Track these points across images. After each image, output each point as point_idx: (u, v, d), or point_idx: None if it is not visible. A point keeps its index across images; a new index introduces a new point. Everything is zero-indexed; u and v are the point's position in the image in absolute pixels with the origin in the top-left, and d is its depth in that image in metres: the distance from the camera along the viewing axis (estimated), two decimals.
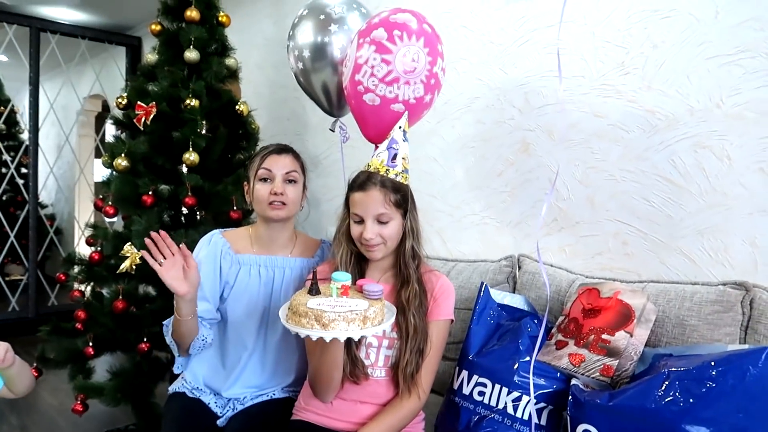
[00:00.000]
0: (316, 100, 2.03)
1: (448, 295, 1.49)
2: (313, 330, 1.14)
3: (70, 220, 5.68)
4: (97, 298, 2.59)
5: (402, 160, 1.49)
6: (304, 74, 1.94)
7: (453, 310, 1.49)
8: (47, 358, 2.58)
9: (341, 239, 1.49)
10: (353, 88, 1.64)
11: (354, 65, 1.62)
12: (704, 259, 1.64)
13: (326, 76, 1.90)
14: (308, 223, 3.06)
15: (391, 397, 1.45)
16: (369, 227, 1.40)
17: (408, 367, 1.39)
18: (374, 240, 1.40)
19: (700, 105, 1.65)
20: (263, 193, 1.60)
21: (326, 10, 1.88)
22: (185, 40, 2.58)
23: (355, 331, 1.15)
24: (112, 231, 2.61)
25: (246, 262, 1.66)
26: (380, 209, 1.40)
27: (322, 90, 1.96)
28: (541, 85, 2.03)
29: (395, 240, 1.44)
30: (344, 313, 1.14)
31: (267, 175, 1.61)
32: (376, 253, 1.43)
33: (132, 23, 4.64)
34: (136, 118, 2.51)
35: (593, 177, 1.89)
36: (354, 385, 1.43)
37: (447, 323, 1.49)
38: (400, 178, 1.46)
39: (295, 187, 1.64)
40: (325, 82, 1.92)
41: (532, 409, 1.37)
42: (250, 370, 1.67)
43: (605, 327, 1.38)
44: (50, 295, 4.59)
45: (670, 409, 1.12)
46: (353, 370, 1.41)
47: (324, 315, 1.14)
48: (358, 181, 1.45)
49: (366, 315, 1.16)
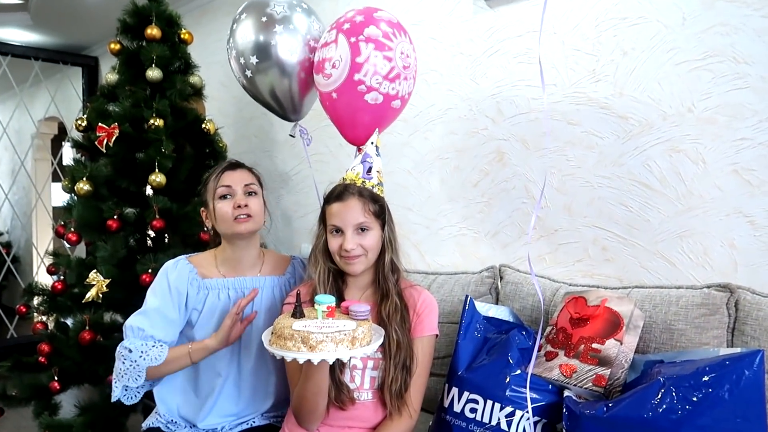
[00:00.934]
0: (267, 105, 1.95)
1: (431, 309, 1.46)
2: (299, 353, 1.10)
3: (27, 248, 5.46)
4: (62, 329, 2.47)
5: (377, 173, 1.48)
6: (249, 80, 1.87)
7: (437, 324, 1.46)
8: (9, 396, 2.44)
9: (318, 257, 1.44)
10: (351, 88, 1.60)
11: (351, 65, 1.58)
12: (685, 262, 1.65)
13: (274, 80, 1.83)
14: (279, 240, 3.00)
15: (380, 419, 1.40)
16: (349, 237, 1.36)
17: (394, 385, 1.35)
18: (355, 251, 1.36)
19: (672, 110, 1.67)
20: (226, 210, 1.54)
21: (267, 10, 1.80)
22: (147, 59, 2.51)
23: (344, 352, 1.11)
24: (76, 258, 2.49)
25: (214, 287, 1.60)
26: (360, 218, 1.37)
27: (270, 95, 1.89)
28: (513, 95, 2.03)
29: (375, 251, 1.41)
30: (332, 334, 1.10)
31: (226, 191, 1.56)
32: (356, 266, 1.38)
33: (88, 43, 4.50)
34: (97, 140, 2.41)
35: (570, 184, 1.89)
36: (340, 411, 1.38)
37: (432, 339, 1.45)
38: (376, 190, 1.45)
39: (257, 199, 1.59)
40: (273, 85, 1.84)
41: (526, 425, 1.34)
42: (226, 397, 1.59)
43: (595, 336, 1.36)
44: (9, 327, 4.38)
45: (667, 418, 1.11)
46: (338, 395, 1.36)
47: (311, 336, 1.10)
48: (335, 192, 1.42)
49: (354, 335, 1.13)
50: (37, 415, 2.44)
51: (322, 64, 1.66)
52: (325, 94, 1.69)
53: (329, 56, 1.63)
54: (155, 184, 2.36)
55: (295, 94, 1.86)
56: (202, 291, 1.59)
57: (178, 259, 1.63)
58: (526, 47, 1.99)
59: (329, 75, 1.62)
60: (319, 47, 1.71)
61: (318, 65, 1.69)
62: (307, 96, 1.91)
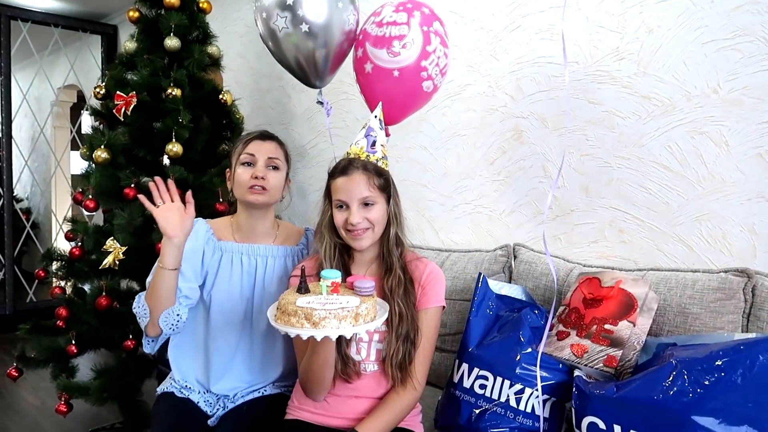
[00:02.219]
0: (290, 67, 1.87)
1: (437, 281, 1.44)
2: (303, 329, 1.10)
3: (46, 214, 5.54)
4: (79, 294, 2.51)
5: (381, 146, 1.46)
6: (274, 40, 1.78)
7: (443, 296, 1.45)
8: (28, 357, 2.50)
9: (323, 232, 1.44)
10: (415, 72, 1.68)
11: (422, 51, 1.67)
12: (702, 246, 1.63)
13: (300, 41, 1.74)
14: (294, 213, 3.01)
15: (385, 389, 1.41)
16: (355, 211, 1.35)
17: (395, 357, 1.35)
18: (361, 224, 1.36)
19: (697, 90, 1.63)
20: (244, 177, 1.56)
21: None
22: (165, 27, 2.50)
23: (347, 329, 1.10)
24: (93, 225, 2.53)
25: (228, 250, 1.62)
26: (365, 192, 1.36)
27: (295, 58, 1.81)
28: (533, 72, 2.00)
29: (381, 225, 1.40)
30: (335, 311, 1.10)
31: (249, 159, 1.57)
32: (363, 241, 1.38)
33: (107, 11, 4.49)
34: (115, 109, 2.42)
35: (588, 164, 1.87)
36: (346, 383, 1.40)
37: (438, 311, 1.44)
38: (381, 164, 1.43)
39: (278, 174, 1.60)
40: (300, 48, 1.76)
41: (535, 402, 1.35)
42: (239, 362, 1.62)
43: (608, 317, 1.36)
44: (28, 292, 4.47)
45: (678, 400, 1.10)
46: (344, 368, 1.37)
47: (314, 313, 1.09)
48: (339, 166, 1.41)
49: (358, 312, 1.12)
50: (55, 377, 2.50)
51: (390, 41, 1.66)
52: (384, 69, 1.69)
53: (400, 35, 1.65)
54: (172, 154, 2.37)
55: (323, 60, 1.80)
56: (217, 252, 1.62)
57: (196, 220, 1.65)
58: (548, 23, 1.95)
59: (397, 53, 1.65)
60: (381, 23, 1.70)
61: (383, 40, 1.68)
62: (339, 64, 1.87)
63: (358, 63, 1.77)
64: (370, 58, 1.71)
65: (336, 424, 1.40)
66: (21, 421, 2.82)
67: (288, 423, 1.45)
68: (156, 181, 1.46)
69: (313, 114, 2.93)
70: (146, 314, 1.49)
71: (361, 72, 1.76)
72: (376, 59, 1.70)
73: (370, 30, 1.73)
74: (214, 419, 1.57)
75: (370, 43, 1.71)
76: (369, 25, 1.74)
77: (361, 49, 1.74)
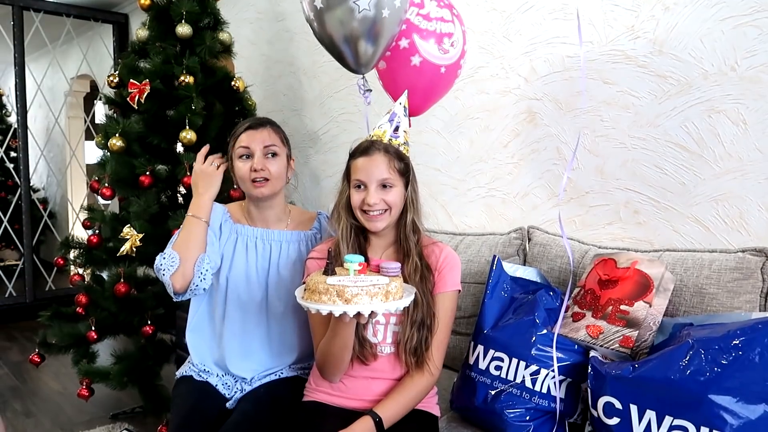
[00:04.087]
0: (333, 50, 1.68)
1: (453, 266, 1.44)
2: (335, 306, 1.11)
3: (63, 204, 5.61)
4: (98, 281, 2.55)
5: (404, 132, 1.47)
6: (318, 14, 1.58)
7: (459, 280, 1.45)
8: (49, 344, 2.55)
9: (341, 213, 1.43)
10: (455, 69, 1.73)
11: (462, 51, 1.73)
12: (719, 227, 1.62)
13: (346, 20, 1.53)
14: (307, 199, 3.02)
15: (403, 370, 1.42)
16: (372, 192, 1.35)
17: (410, 343, 1.36)
18: (378, 206, 1.36)
19: (714, 68, 1.61)
20: (244, 171, 1.56)
21: None
22: (176, 15, 2.50)
23: (379, 305, 1.11)
24: (110, 213, 2.56)
25: (243, 233, 1.64)
26: (384, 174, 1.36)
27: (342, 39, 1.61)
28: (547, 53, 1.98)
29: (398, 209, 1.40)
30: (366, 288, 1.11)
31: (245, 152, 1.56)
32: (378, 223, 1.38)
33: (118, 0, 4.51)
34: (129, 97, 2.44)
35: (603, 145, 1.85)
36: (363, 364, 1.41)
37: (454, 295, 1.44)
38: (402, 149, 1.44)
39: (277, 160, 1.58)
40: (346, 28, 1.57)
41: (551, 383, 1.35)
42: (255, 346, 1.64)
43: (623, 298, 1.35)
44: (47, 280, 4.54)
45: (695, 380, 1.10)
46: (362, 351, 1.38)
47: (346, 290, 1.10)
48: (361, 147, 1.41)
49: (388, 290, 1.13)
50: (76, 362, 2.55)
51: (441, 37, 1.66)
52: (432, 65, 1.68)
53: (449, 32, 1.66)
54: (186, 141, 2.38)
55: (375, 44, 1.63)
56: (233, 234, 1.64)
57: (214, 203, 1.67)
58: (562, 2, 1.92)
59: (446, 50, 1.66)
60: (431, 18, 1.68)
61: (435, 36, 1.67)
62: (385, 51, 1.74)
63: (402, 54, 1.71)
64: (419, 51, 1.67)
65: (353, 405, 1.41)
66: (44, 405, 2.88)
67: (306, 404, 1.47)
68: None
69: (325, 99, 2.93)
70: (174, 262, 1.50)
71: (405, 63, 1.70)
72: (428, 55, 1.67)
73: (417, 22, 1.69)
74: (233, 402, 1.59)
75: (419, 36, 1.67)
76: (413, 17, 1.69)
77: (407, 40, 1.69)
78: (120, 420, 2.68)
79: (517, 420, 1.38)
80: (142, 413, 2.70)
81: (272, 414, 1.51)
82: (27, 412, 2.79)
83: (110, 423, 2.65)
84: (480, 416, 1.46)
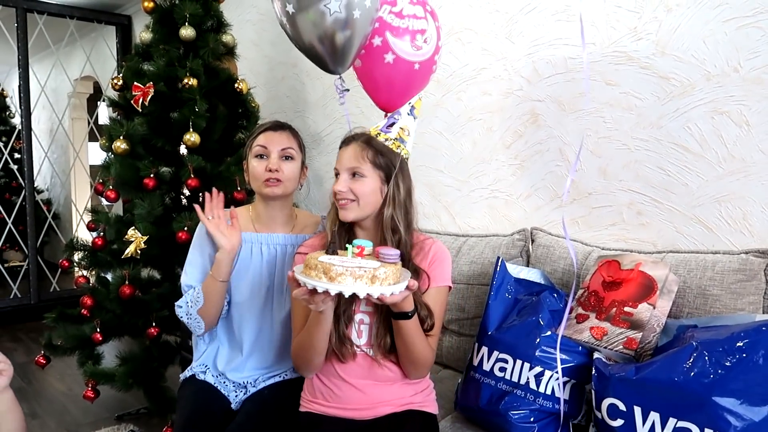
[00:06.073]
0: (308, 51, 1.71)
1: (442, 261, 1.41)
2: (320, 282, 1.10)
3: (66, 205, 5.62)
4: (102, 283, 2.56)
5: (400, 129, 1.44)
6: (290, 17, 1.61)
7: (449, 276, 1.42)
8: (55, 345, 2.56)
9: (332, 205, 1.44)
10: (429, 65, 1.71)
11: (436, 47, 1.71)
12: (722, 228, 1.62)
13: (318, 21, 1.56)
14: (311, 201, 3.03)
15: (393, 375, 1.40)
16: (341, 180, 1.37)
17: (383, 343, 1.35)
18: (344, 194, 1.35)
19: (716, 69, 1.61)
20: (259, 170, 1.58)
21: None
22: (180, 17, 2.51)
23: (362, 287, 1.10)
24: (114, 215, 2.56)
25: (247, 240, 1.65)
26: (353, 163, 1.36)
27: (314, 40, 1.64)
28: (549, 54, 1.98)
29: (368, 199, 1.36)
30: (352, 269, 1.10)
31: (262, 151, 1.59)
32: (346, 212, 1.37)
33: (121, 2, 4.51)
34: (133, 100, 2.44)
35: (605, 147, 1.86)
36: (347, 364, 1.39)
37: (443, 290, 1.40)
38: (390, 143, 1.41)
39: (292, 164, 1.61)
40: (318, 29, 1.60)
41: (555, 384, 1.36)
42: (260, 349, 1.66)
43: (627, 299, 1.36)
44: (51, 281, 4.56)
45: (699, 381, 1.11)
46: (340, 347, 1.36)
47: (332, 268, 1.10)
48: (345, 138, 1.43)
49: (375, 274, 1.11)
50: (82, 364, 2.56)
51: (414, 34, 1.66)
52: (405, 62, 1.68)
53: (422, 29, 1.66)
54: (190, 144, 2.39)
55: (348, 45, 1.65)
56: None
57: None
58: (565, 4, 1.93)
59: (419, 47, 1.67)
60: (404, 15, 1.68)
61: (407, 33, 1.67)
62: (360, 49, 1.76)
63: (376, 51, 1.73)
64: (392, 48, 1.69)
65: (350, 415, 1.39)
66: (49, 407, 2.89)
67: (303, 416, 1.45)
68: (214, 192, 1.59)
69: (328, 101, 2.94)
70: (200, 326, 1.60)
71: (379, 61, 1.73)
72: (400, 52, 1.67)
73: (389, 20, 1.70)
74: (237, 403, 1.60)
75: (391, 34, 1.69)
76: (386, 15, 1.71)
77: (380, 38, 1.70)
78: (125, 421, 2.69)
79: (521, 421, 1.38)
80: (147, 414, 2.72)
81: (276, 416, 1.52)
82: (33, 413, 2.81)
83: (116, 424, 2.66)
84: (484, 417, 1.47)
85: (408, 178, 1.42)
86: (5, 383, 1.14)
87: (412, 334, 1.29)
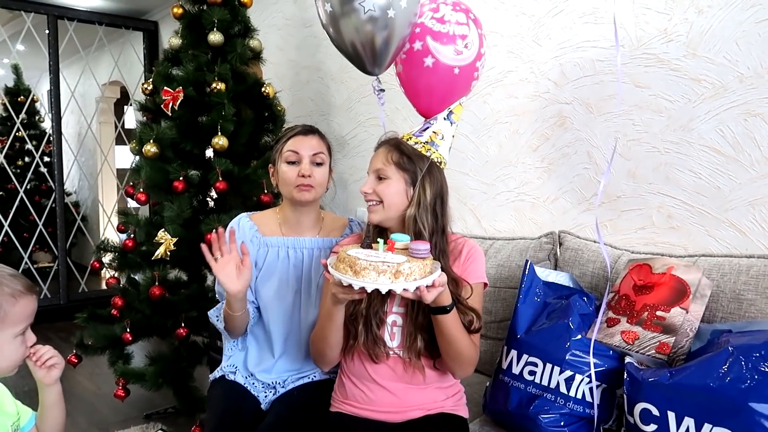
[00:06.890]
0: (346, 52, 1.72)
1: (475, 258, 1.42)
2: (345, 276, 1.11)
3: (94, 207, 5.73)
4: (132, 284, 2.61)
5: (433, 133, 1.46)
6: (333, 21, 1.61)
7: (484, 273, 1.42)
8: (86, 345, 2.62)
9: None
10: (471, 71, 1.71)
11: (478, 53, 1.70)
12: (756, 231, 1.60)
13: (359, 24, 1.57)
14: (335, 204, 3.05)
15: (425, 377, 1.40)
16: (368, 181, 1.40)
17: (414, 345, 1.35)
18: (369, 195, 1.38)
19: (749, 71, 1.59)
20: (290, 175, 1.59)
21: None
22: (208, 23, 2.55)
23: (385, 283, 1.09)
24: (144, 218, 2.61)
25: (274, 245, 1.66)
26: (378, 164, 1.39)
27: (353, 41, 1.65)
28: (577, 56, 1.97)
29: (392, 201, 1.37)
30: (375, 263, 1.09)
31: (294, 157, 1.60)
32: (372, 214, 1.39)
33: (148, 8, 4.60)
34: (163, 104, 2.49)
35: (635, 149, 1.84)
36: (379, 365, 1.39)
37: (479, 286, 1.41)
38: (420, 147, 1.42)
39: (322, 169, 1.63)
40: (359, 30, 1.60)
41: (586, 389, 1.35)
42: (288, 351, 1.67)
43: (659, 303, 1.35)
44: (80, 282, 4.65)
45: (735, 387, 1.09)
46: (374, 348, 1.37)
47: (357, 262, 1.10)
48: (378, 142, 1.47)
49: (399, 269, 1.10)
50: (112, 363, 2.61)
51: (454, 38, 1.66)
52: (445, 66, 1.68)
53: (463, 34, 1.66)
54: (218, 147, 2.43)
55: (384, 45, 1.65)
56: (263, 248, 1.66)
57: (240, 216, 1.70)
58: (593, 6, 1.92)
59: (460, 52, 1.67)
60: (446, 21, 1.69)
61: (447, 37, 1.67)
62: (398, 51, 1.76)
63: (416, 56, 1.72)
64: (432, 52, 1.68)
65: (381, 417, 1.39)
66: (80, 405, 2.95)
67: (333, 416, 1.46)
68: (219, 232, 1.49)
69: (353, 104, 2.96)
70: (230, 334, 1.68)
71: (419, 65, 1.71)
72: (440, 56, 1.67)
73: (430, 25, 1.70)
74: (266, 404, 1.62)
75: (432, 38, 1.69)
76: (427, 20, 1.71)
77: (421, 43, 1.70)
78: (153, 420, 2.73)
79: (551, 425, 1.38)
80: (175, 414, 2.75)
81: (306, 417, 1.53)
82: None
83: (144, 423, 2.70)
84: (514, 421, 1.46)
85: (438, 182, 1.41)
86: (57, 375, 1.18)
87: (451, 329, 1.27)
